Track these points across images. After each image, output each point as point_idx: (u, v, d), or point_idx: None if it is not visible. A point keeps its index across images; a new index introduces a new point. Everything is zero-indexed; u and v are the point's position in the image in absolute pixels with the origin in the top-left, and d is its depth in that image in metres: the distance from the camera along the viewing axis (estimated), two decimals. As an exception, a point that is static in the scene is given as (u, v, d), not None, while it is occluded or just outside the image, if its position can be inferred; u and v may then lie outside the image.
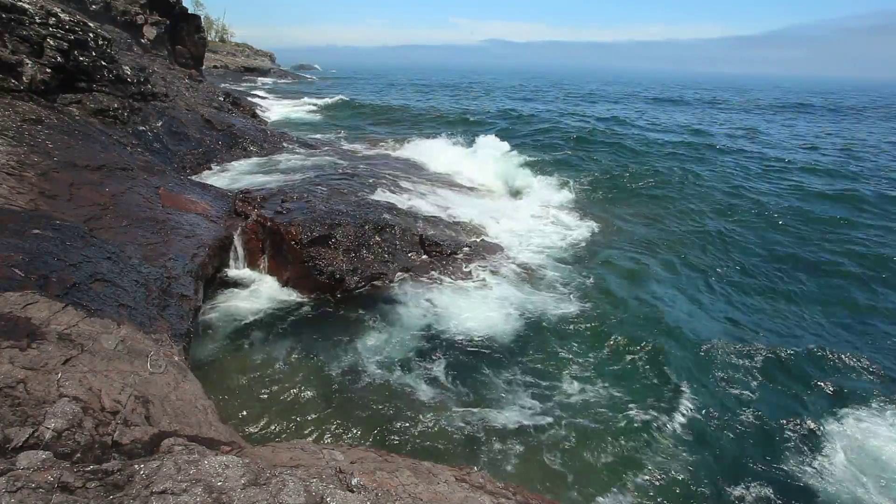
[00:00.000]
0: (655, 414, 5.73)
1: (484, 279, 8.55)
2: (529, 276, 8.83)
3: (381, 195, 10.51)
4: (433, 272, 8.52)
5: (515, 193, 14.07)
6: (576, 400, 5.90)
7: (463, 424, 5.40)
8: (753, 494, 4.82)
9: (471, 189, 13.65)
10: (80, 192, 6.58)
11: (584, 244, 10.53)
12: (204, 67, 24.75)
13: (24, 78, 8.63)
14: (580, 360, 6.64)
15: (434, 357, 6.49)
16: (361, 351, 6.49)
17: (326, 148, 17.06)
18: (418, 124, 25.61)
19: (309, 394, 5.66)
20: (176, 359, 4.25)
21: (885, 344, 7.44)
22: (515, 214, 11.91)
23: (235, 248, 8.11)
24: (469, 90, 51.88)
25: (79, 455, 2.34)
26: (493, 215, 11.47)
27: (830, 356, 6.99)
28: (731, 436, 5.53)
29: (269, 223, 8.04)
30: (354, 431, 5.18)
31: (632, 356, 6.75)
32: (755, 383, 6.40)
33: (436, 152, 16.67)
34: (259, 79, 51.21)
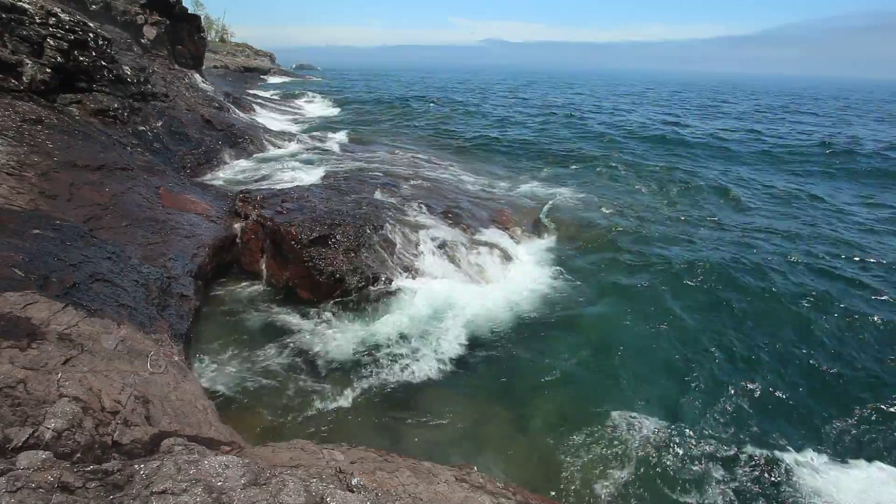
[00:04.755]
0: (654, 415, 5.72)
1: (484, 280, 8.55)
2: (528, 275, 8.83)
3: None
4: (433, 272, 8.52)
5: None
6: (577, 401, 5.90)
7: (463, 424, 5.40)
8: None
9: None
10: (80, 192, 6.58)
11: (584, 244, 10.52)
12: (204, 67, 24.71)
13: (24, 78, 8.63)
14: (581, 361, 6.63)
15: (434, 357, 6.49)
16: (361, 350, 6.49)
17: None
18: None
19: (309, 393, 5.66)
20: (176, 359, 4.25)
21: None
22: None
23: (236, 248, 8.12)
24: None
25: (79, 455, 2.34)
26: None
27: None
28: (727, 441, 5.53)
29: (269, 223, 8.04)
30: (354, 431, 5.18)
31: (629, 363, 6.75)
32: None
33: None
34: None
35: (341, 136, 20.10)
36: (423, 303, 7.69)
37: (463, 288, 8.24)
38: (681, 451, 5.27)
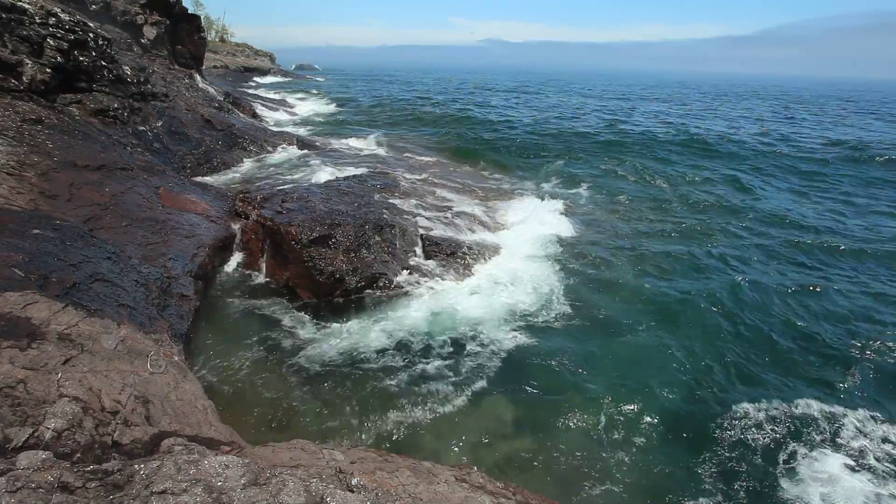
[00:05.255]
0: (646, 418, 5.73)
1: (483, 281, 8.55)
2: (528, 276, 8.82)
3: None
4: (433, 273, 8.52)
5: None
6: (574, 403, 5.90)
7: (463, 424, 5.40)
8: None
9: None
10: (80, 192, 6.58)
11: (584, 246, 10.52)
12: (204, 67, 24.72)
13: (24, 78, 8.63)
14: (577, 365, 6.63)
15: (434, 357, 6.49)
16: (361, 351, 6.49)
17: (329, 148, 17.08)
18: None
19: (309, 393, 5.66)
20: (176, 359, 4.25)
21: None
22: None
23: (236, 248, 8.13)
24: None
25: (79, 455, 2.34)
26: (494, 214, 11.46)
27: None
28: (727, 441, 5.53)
29: (269, 223, 8.04)
30: (354, 431, 5.18)
31: (627, 364, 6.75)
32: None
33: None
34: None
35: (342, 136, 20.11)
36: (423, 302, 7.69)
37: (462, 287, 8.24)
38: (679, 451, 5.27)
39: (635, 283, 8.90)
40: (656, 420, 5.66)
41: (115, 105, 10.74)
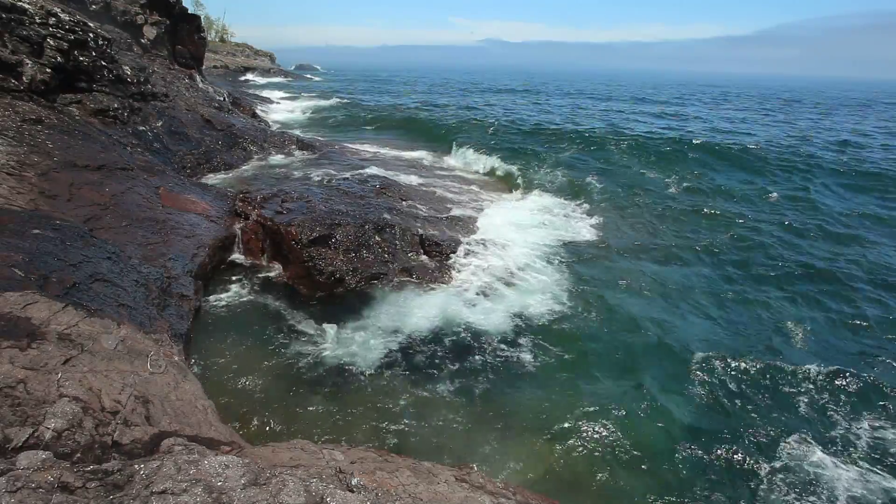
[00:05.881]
0: (646, 418, 5.73)
1: (484, 280, 8.55)
2: (527, 277, 8.82)
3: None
4: (433, 272, 8.52)
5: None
6: (573, 402, 5.90)
7: (463, 424, 5.40)
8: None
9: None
10: (80, 192, 6.59)
11: (584, 247, 10.52)
12: (204, 67, 24.71)
13: (24, 78, 8.63)
14: (577, 365, 6.64)
15: (434, 358, 6.49)
16: (361, 351, 6.49)
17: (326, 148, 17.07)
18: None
19: (309, 393, 5.66)
20: (176, 359, 4.25)
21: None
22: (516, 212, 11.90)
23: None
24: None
25: (79, 455, 2.34)
26: (492, 212, 11.47)
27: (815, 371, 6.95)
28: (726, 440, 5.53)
29: (269, 223, 8.04)
30: (354, 431, 5.18)
31: (626, 365, 6.76)
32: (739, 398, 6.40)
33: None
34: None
35: (342, 136, 20.10)
36: (423, 302, 7.69)
37: (462, 287, 8.24)
38: (679, 451, 5.27)
39: (636, 284, 8.89)
40: (655, 420, 5.66)
41: (115, 105, 10.74)
